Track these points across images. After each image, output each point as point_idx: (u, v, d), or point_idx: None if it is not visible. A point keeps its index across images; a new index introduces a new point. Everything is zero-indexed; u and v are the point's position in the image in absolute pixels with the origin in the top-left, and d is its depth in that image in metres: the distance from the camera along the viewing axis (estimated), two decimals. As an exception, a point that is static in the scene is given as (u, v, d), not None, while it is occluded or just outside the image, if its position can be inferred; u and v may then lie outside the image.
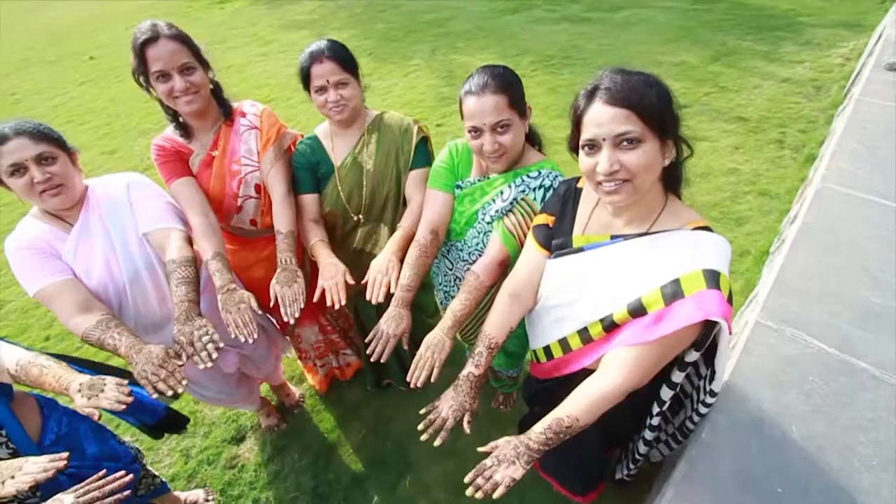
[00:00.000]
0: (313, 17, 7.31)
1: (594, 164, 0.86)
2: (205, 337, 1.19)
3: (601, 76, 0.87)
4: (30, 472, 0.97)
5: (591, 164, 0.87)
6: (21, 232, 1.33)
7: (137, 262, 1.39)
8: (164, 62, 1.30)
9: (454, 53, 5.50)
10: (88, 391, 1.08)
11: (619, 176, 0.84)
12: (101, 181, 1.42)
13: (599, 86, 0.85)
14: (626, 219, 0.96)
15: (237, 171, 1.49)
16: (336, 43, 1.41)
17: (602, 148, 0.84)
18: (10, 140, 1.21)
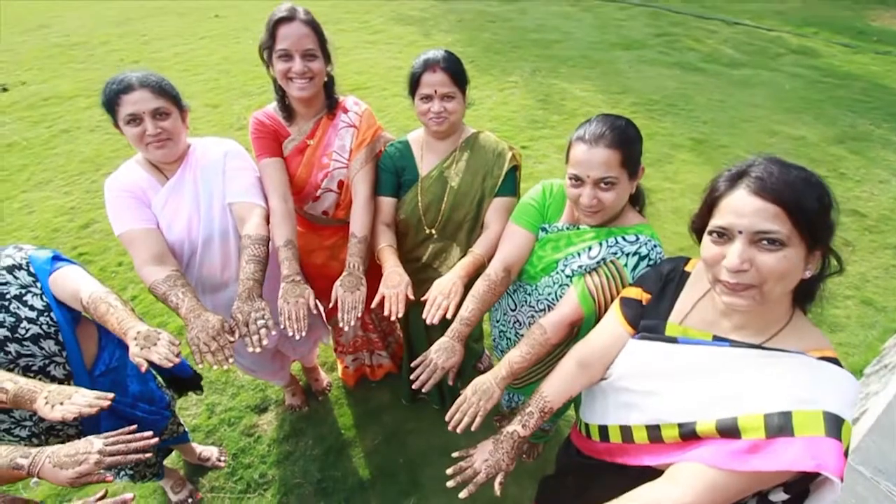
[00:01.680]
0: (424, 16, 7.47)
1: (720, 255, 0.76)
2: (260, 321, 1.20)
3: (753, 162, 0.76)
4: (77, 404, 1.00)
5: (716, 253, 0.77)
6: (122, 174, 1.40)
7: (215, 227, 1.43)
8: (290, 42, 1.33)
9: (554, 78, 5.39)
10: (143, 341, 1.10)
11: (746, 277, 0.73)
12: (203, 143, 1.47)
13: (750, 172, 0.75)
14: (738, 323, 0.84)
15: (326, 164, 1.50)
16: (452, 55, 1.39)
17: (735, 240, 0.74)
18: (135, 91, 1.28)
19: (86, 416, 0.99)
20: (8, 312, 1.23)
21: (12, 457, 0.94)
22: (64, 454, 0.93)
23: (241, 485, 2.03)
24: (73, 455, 0.92)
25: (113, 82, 1.29)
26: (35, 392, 1.03)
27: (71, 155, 4.35)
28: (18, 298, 1.26)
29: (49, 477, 0.92)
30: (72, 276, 1.29)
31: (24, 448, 0.96)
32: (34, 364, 1.27)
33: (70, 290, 1.26)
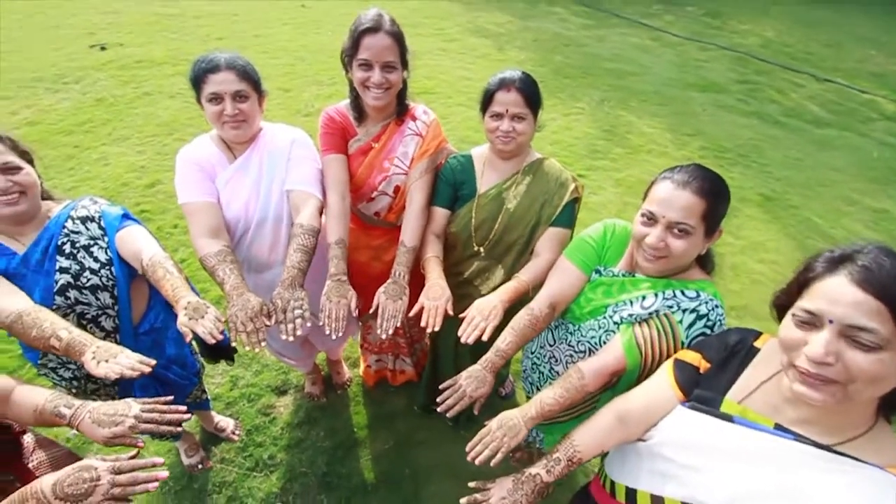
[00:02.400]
0: (500, 31, 7.51)
1: (802, 340, 0.69)
2: (297, 310, 1.22)
3: (862, 248, 0.69)
4: (121, 364, 1.04)
5: (798, 338, 0.70)
6: (195, 147, 1.46)
7: (270, 211, 1.47)
8: (372, 53, 1.34)
9: (622, 110, 5.27)
10: (192, 312, 1.14)
11: (829, 371, 0.66)
12: (273, 129, 1.52)
13: (856, 259, 0.67)
14: (807, 416, 0.76)
15: (387, 168, 1.51)
16: (529, 77, 1.37)
17: (823, 329, 0.67)
18: (221, 72, 1.33)
19: (127, 377, 1.02)
20: (74, 260, 1.30)
21: (56, 404, 0.98)
22: (103, 412, 0.96)
23: (250, 462, 2.06)
24: (111, 415, 0.95)
25: (203, 61, 1.35)
26: (85, 345, 1.07)
27: (149, 117, 4.63)
28: (86, 249, 1.33)
29: (86, 431, 0.96)
30: (137, 236, 1.35)
31: (68, 398, 1.00)
32: (88, 313, 1.34)
33: (133, 249, 1.32)
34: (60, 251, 1.29)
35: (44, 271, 1.26)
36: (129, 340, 1.42)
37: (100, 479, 0.85)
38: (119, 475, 0.86)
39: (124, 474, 0.86)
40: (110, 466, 0.86)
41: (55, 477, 0.84)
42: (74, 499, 0.83)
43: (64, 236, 1.30)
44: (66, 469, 0.86)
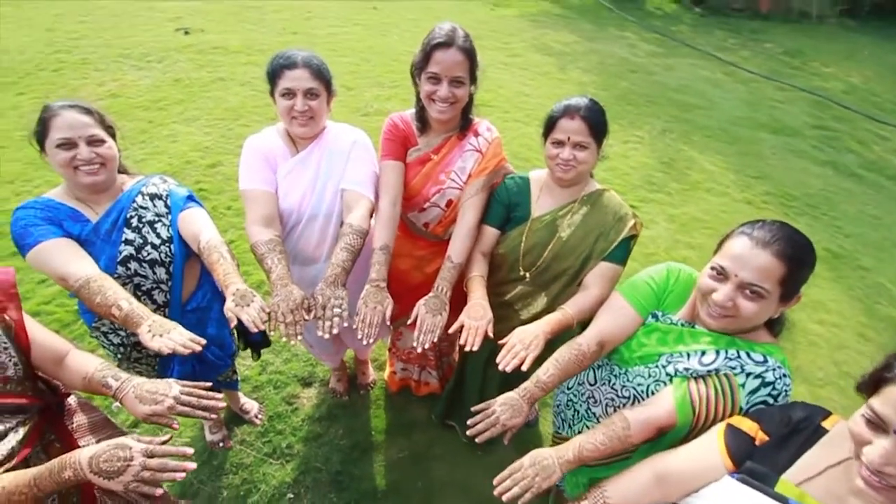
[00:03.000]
0: (565, 50, 7.44)
1: (868, 440, 0.62)
2: (337, 308, 1.22)
3: None
4: (174, 341, 1.08)
5: (867, 436, 0.63)
6: (262, 137, 1.51)
7: (323, 207, 1.50)
8: (442, 68, 1.34)
9: (684, 143, 5.08)
10: (240, 300, 1.17)
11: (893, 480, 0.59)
12: (337, 128, 1.55)
13: None
14: None
15: (442, 181, 1.51)
16: (596, 105, 1.33)
17: (889, 437, 0.60)
18: (297, 69, 1.37)
19: (178, 354, 1.06)
20: (139, 234, 1.37)
21: (105, 374, 1.02)
22: (146, 389, 0.99)
23: (269, 448, 2.09)
24: (153, 392, 0.98)
25: (281, 56, 1.40)
26: (142, 318, 1.12)
27: (219, 101, 4.87)
28: (150, 224, 1.39)
29: (128, 405, 0.99)
30: (197, 218, 1.40)
31: (116, 370, 1.04)
32: (144, 285, 1.40)
33: (192, 230, 1.37)
34: (128, 224, 1.36)
35: (111, 241, 1.33)
36: (176, 316, 1.48)
37: (132, 459, 0.87)
38: (151, 459, 0.88)
39: (156, 459, 0.88)
40: (143, 449, 0.88)
41: (93, 451, 0.87)
42: (107, 475, 0.85)
43: (133, 210, 1.37)
44: (102, 445, 0.88)
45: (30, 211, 1.27)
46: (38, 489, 0.86)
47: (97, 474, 0.85)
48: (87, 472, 0.85)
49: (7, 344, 0.99)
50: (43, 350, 1.04)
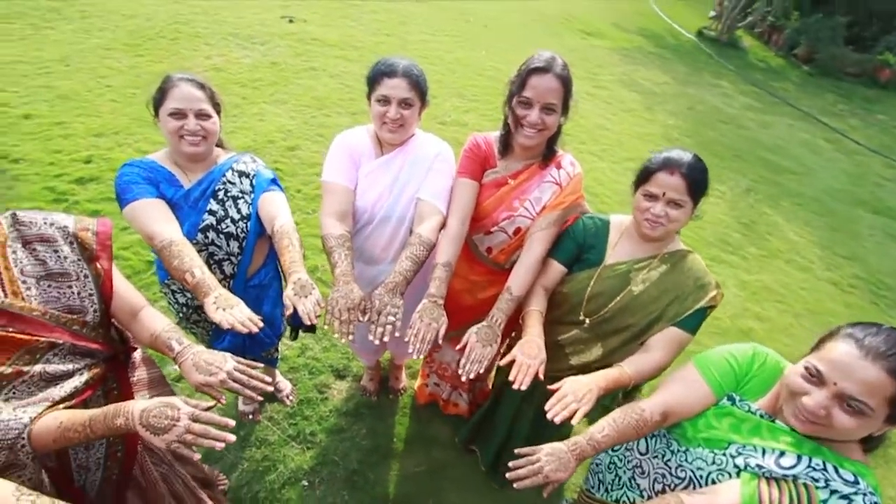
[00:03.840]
0: (654, 90, 7.22)
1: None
2: (391, 316, 1.22)
3: None
4: (235, 318, 1.12)
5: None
6: (352, 134, 1.55)
7: (395, 212, 1.51)
8: (535, 94, 1.32)
9: (769, 207, 4.75)
10: (300, 290, 1.20)
11: None
12: (423, 137, 1.57)
13: None
14: None
15: (515, 207, 1.48)
16: (700, 163, 1.25)
17: None
18: (396, 77, 1.40)
19: (237, 331, 1.09)
20: (222, 206, 1.44)
21: (171, 336, 1.07)
22: (204, 359, 1.03)
23: (293, 430, 2.13)
24: (209, 363, 1.02)
25: (383, 63, 1.43)
26: (210, 289, 1.17)
27: (308, 89, 5.12)
28: (234, 199, 1.46)
29: (184, 370, 1.03)
30: (277, 202, 1.46)
31: (181, 334, 1.09)
32: (217, 255, 1.47)
33: (270, 212, 1.42)
34: (214, 195, 1.43)
35: (197, 209, 1.41)
36: (239, 288, 1.54)
37: (179, 420, 0.90)
38: (195, 423, 0.91)
39: (199, 424, 0.91)
40: (190, 412, 0.91)
41: (145, 404, 0.91)
42: (153, 430, 0.89)
43: (221, 183, 1.45)
44: (154, 401, 0.92)
45: (134, 169, 1.37)
46: (91, 431, 0.90)
47: (145, 427, 0.88)
48: (137, 423, 0.89)
49: (92, 291, 1.06)
50: (122, 301, 1.11)
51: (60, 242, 1.02)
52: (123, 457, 1.19)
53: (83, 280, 1.04)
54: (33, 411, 0.91)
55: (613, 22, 10.19)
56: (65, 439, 0.90)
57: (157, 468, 1.34)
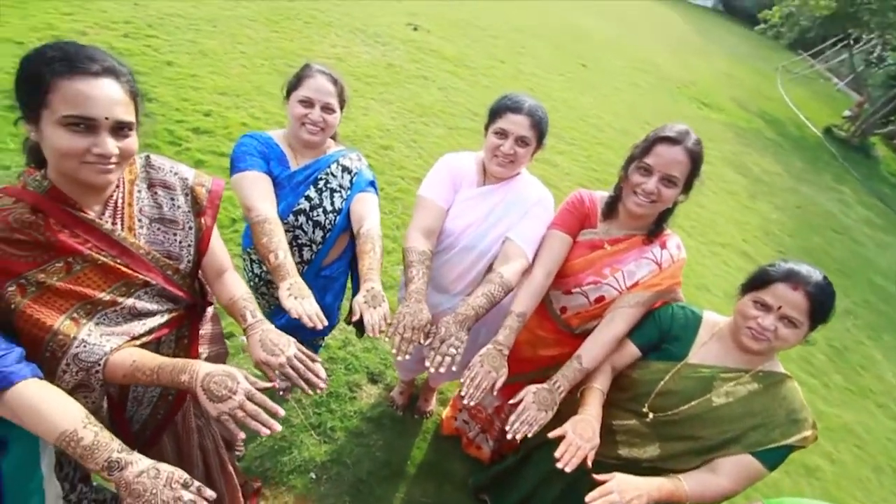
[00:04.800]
0: (762, 178, 6.76)
1: None
2: (451, 349, 1.19)
3: None
4: (304, 309, 1.14)
5: None
6: (459, 157, 1.55)
7: (480, 245, 1.48)
8: (660, 162, 1.25)
9: (868, 338, 4.23)
10: (370, 299, 1.20)
11: None
12: (528, 179, 1.54)
13: None
14: None
15: (605, 275, 1.39)
16: (829, 286, 1.11)
17: None
18: (520, 114, 1.38)
19: (301, 323, 1.11)
20: (319, 195, 1.49)
21: (246, 306, 1.11)
22: (270, 338, 1.05)
23: (315, 420, 2.14)
24: (274, 344, 1.04)
25: (509, 98, 1.42)
26: (288, 275, 1.20)
27: (415, 95, 5.31)
28: (331, 191, 1.50)
29: (250, 343, 1.06)
30: (369, 204, 1.48)
31: (255, 306, 1.12)
32: (300, 239, 1.51)
33: (360, 213, 1.45)
34: (315, 183, 1.49)
35: (296, 192, 1.47)
36: (311, 275, 1.58)
37: (235, 394, 0.91)
38: (248, 402, 0.91)
39: (252, 404, 0.91)
40: (247, 390, 0.92)
41: (210, 368, 0.93)
42: (210, 396, 0.90)
43: (324, 173, 1.50)
44: (220, 367, 0.94)
45: (253, 142, 1.45)
46: (158, 378, 0.94)
47: (204, 391, 0.90)
48: (198, 385, 0.91)
49: (192, 242, 1.11)
50: (213, 259, 1.16)
51: (178, 192, 1.09)
52: (173, 401, 1.24)
53: (187, 230, 1.10)
54: (115, 342, 0.96)
55: (734, 97, 9.75)
56: (132, 377, 0.94)
57: (196, 420, 1.38)
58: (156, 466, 0.80)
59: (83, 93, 0.84)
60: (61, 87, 0.83)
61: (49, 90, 0.83)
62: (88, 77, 0.85)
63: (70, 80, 0.83)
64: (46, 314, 0.90)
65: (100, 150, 0.86)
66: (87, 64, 0.85)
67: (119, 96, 0.88)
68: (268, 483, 1.90)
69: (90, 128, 0.85)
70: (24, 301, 0.89)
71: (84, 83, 0.84)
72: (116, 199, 1.01)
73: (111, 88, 0.87)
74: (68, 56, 0.85)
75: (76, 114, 0.83)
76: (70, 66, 0.84)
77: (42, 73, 0.83)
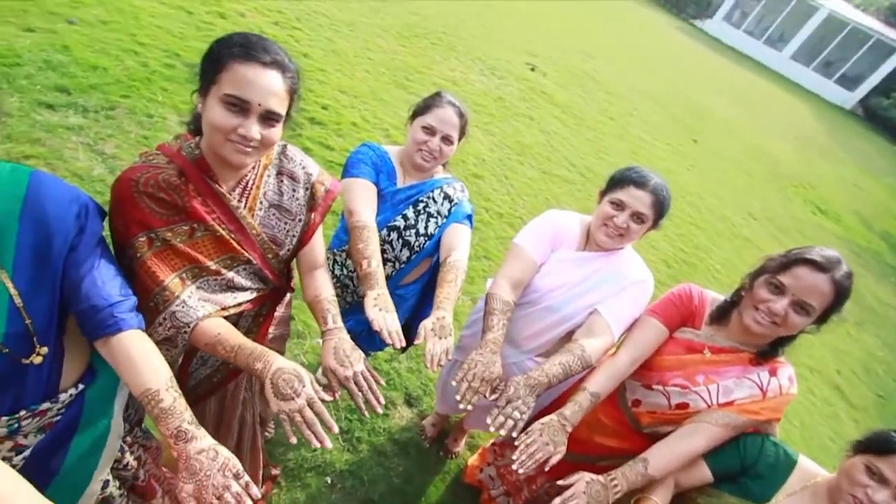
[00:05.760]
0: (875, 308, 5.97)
1: None
2: (516, 413, 1.14)
3: None
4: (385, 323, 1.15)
5: None
6: (566, 216, 1.51)
7: (563, 309, 1.41)
8: (798, 287, 1.12)
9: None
10: (438, 329, 1.18)
11: None
12: (632, 257, 1.46)
13: None
14: None
15: (696, 382, 1.26)
16: None
17: None
18: (644, 190, 1.32)
19: (378, 336, 1.11)
20: (415, 216, 1.51)
21: (328, 309, 1.13)
22: (344, 348, 1.05)
23: (345, 426, 2.14)
24: (347, 355, 1.04)
25: (635, 171, 1.37)
26: (376, 285, 1.22)
27: (516, 133, 5.35)
28: (428, 215, 1.52)
29: (324, 348, 1.07)
30: (461, 237, 1.48)
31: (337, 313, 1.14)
32: (386, 254, 1.54)
33: (450, 243, 1.45)
34: (415, 204, 1.51)
35: (395, 208, 1.51)
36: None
37: (298, 396, 0.91)
38: (308, 408, 0.91)
39: (310, 412, 0.91)
40: (310, 396, 0.92)
41: (283, 364, 0.94)
42: (276, 390, 0.91)
43: (426, 196, 1.52)
44: (291, 365, 0.95)
45: (370, 152, 1.52)
46: (235, 357, 0.97)
47: (272, 384, 0.92)
48: (268, 377, 0.92)
49: (297, 234, 1.17)
50: (310, 253, 1.21)
51: (300, 184, 1.15)
52: (232, 369, 1.29)
53: (297, 222, 1.15)
54: (208, 309, 1.02)
55: (857, 210, 8.85)
56: (212, 348, 0.99)
57: (245, 392, 1.43)
58: (215, 448, 0.82)
59: (248, 78, 0.91)
60: (233, 68, 0.90)
61: (223, 69, 0.91)
62: (258, 66, 0.92)
63: (242, 65, 0.90)
64: (162, 269, 0.97)
65: (244, 132, 0.92)
66: (261, 54, 0.92)
67: (278, 88, 0.94)
68: (285, 474, 1.92)
69: (244, 110, 0.92)
70: (148, 253, 0.96)
71: (252, 70, 0.91)
72: (248, 179, 1.08)
73: (274, 80, 0.94)
74: (248, 44, 0.92)
75: (236, 94, 0.90)
76: (246, 53, 0.91)
77: (222, 54, 0.91)
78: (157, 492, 1.24)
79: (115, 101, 3.04)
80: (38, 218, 0.77)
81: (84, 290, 0.82)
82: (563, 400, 1.47)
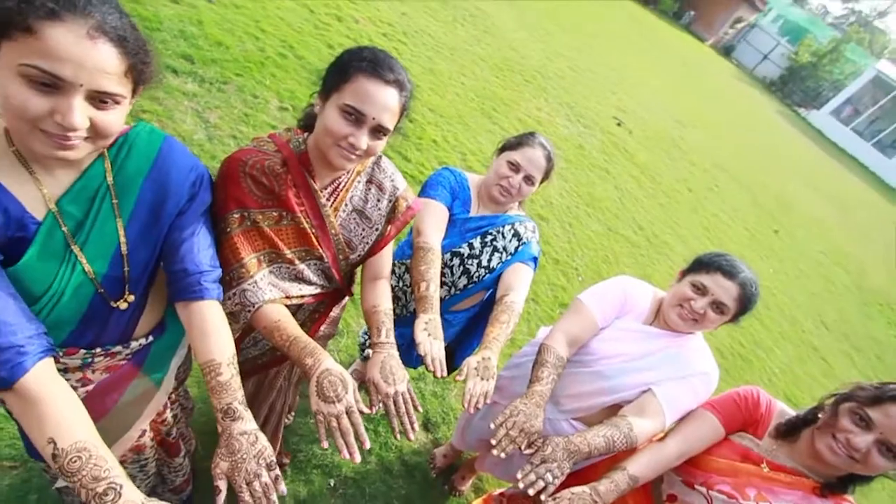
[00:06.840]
0: None
1: None
2: (549, 475, 1.08)
3: None
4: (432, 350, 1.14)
5: None
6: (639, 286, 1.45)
7: (614, 378, 1.34)
8: (888, 425, 1.01)
9: None
10: (482, 370, 1.16)
11: None
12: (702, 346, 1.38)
13: None
14: None
15: (746, 495, 1.13)
16: None
17: None
18: (732, 281, 1.25)
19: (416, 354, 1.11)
20: (482, 247, 1.51)
21: (383, 321, 1.14)
22: (391, 365, 1.05)
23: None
24: (393, 372, 1.04)
25: (726, 259, 1.29)
26: (430, 308, 1.22)
27: (590, 184, 5.28)
28: (494, 249, 1.52)
29: (371, 361, 1.08)
30: (522, 277, 1.46)
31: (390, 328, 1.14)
32: (444, 278, 1.54)
33: (509, 283, 1.44)
34: (483, 235, 1.51)
35: (463, 235, 1.52)
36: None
37: (339, 401, 0.92)
38: (345, 416, 0.91)
39: (346, 420, 0.91)
40: (349, 405, 0.92)
41: (331, 366, 0.95)
42: (318, 390, 0.92)
43: (496, 230, 1.52)
44: (338, 368, 0.96)
45: (450, 176, 1.54)
46: (287, 347, 0.99)
47: (317, 384, 0.93)
48: (314, 375, 0.94)
49: (370, 242, 1.20)
50: (377, 263, 1.23)
51: (386, 196, 1.18)
52: (279, 355, 1.32)
53: (373, 230, 1.19)
54: (274, 294, 1.06)
55: (948, 347, 7.93)
56: (268, 333, 1.02)
57: (284, 381, 1.46)
58: (256, 433, 0.84)
59: (370, 92, 0.95)
60: (358, 81, 0.95)
61: (349, 80, 0.96)
62: (381, 82, 0.96)
63: (367, 79, 0.95)
64: (244, 247, 1.02)
65: (354, 141, 0.97)
66: (386, 72, 0.97)
67: (393, 105, 0.99)
68: (293, 465, 1.93)
69: (358, 121, 0.96)
70: (237, 229, 1.02)
71: (374, 85, 0.96)
72: (341, 182, 1.12)
73: (391, 98, 0.98)
74: (377, 60, 0.97)
75: (354, 105, 0.95)
76: (373, 68, 0.96)
77: (351, 66, 0.97)
78: (181, 451, 1.29)
79: (229, 77, 3.31)
80: (161, 180, 0.83)
81: (181, 252, 0.88)
82: (591, 470, 1.39)
